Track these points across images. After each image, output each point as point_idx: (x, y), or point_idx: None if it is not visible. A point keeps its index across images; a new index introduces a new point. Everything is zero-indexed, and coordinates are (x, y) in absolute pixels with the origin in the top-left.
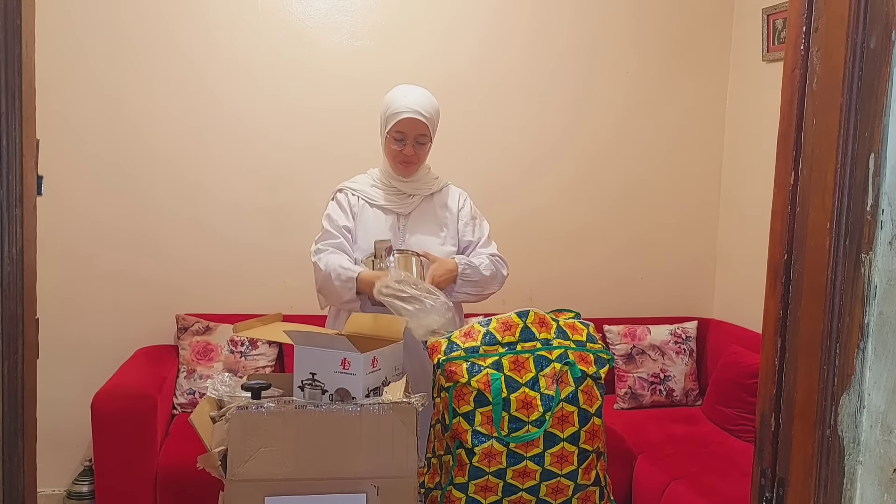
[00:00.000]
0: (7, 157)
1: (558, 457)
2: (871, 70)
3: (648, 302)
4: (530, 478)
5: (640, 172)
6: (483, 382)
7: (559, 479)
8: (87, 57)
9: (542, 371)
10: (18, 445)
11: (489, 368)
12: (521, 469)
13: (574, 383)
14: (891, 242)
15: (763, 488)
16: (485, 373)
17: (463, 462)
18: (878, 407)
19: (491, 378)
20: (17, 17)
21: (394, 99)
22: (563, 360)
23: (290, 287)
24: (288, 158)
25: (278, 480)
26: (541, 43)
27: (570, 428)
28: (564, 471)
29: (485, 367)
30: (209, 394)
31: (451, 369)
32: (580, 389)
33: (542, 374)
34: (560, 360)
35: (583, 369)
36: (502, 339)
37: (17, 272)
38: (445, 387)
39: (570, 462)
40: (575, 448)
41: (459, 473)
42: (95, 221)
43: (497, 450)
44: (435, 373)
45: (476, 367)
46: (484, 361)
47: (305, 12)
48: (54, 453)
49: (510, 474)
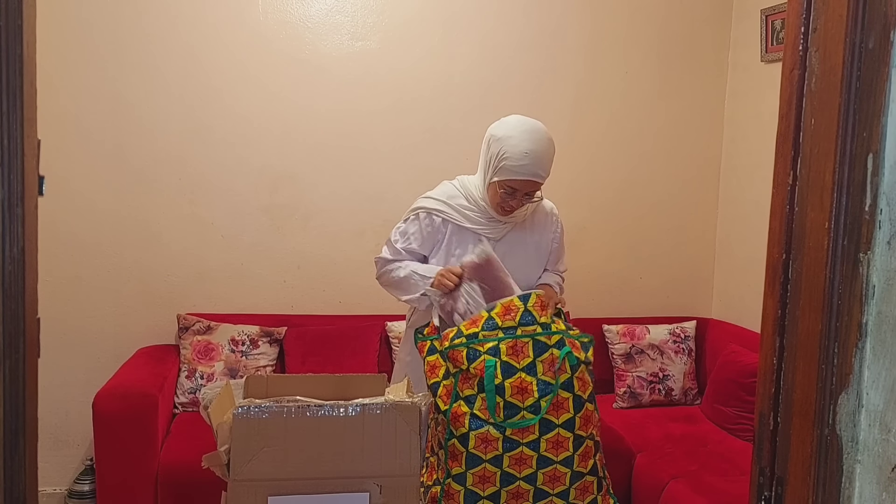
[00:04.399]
0: (8, 157)
1: (553, 443)
2: (869, 70)
3: (647, 301)
4: (527, 465)
5: (640, 172)
6: (479, 368)
7: (556, 467)
8: (89, 57)
9: (540, 357)
10: (19, 444)
11: (486, 354)
12: (517, 455)
13: (570, 370)
14: (889, 242)
15: (762, 487)
16: (481, 359)
17: (457, 451)
18: (876, 406)
19: (486, 364)
20: (18, 18)
21: (513, 150)
22: (561, 346)
23: (291, 286)
24: (289, 158)
25: (281, 480)
26: (540, 43)
27: (566, 414)
28: (560, 457)
29: (482, 353)
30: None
31: (454, 356)
32: (575, 376)
33: (540, 360)
34: (558, 347)
35: (577, 356)
36: (502, 323)
37: (19, 272)
38: (453, 372)
39: (566, 448)
40: (570, 434)
41: (455, 464)
42: (96, 221)
43: (493, 436)
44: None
45: (474, 353)
46: (482, 347)
47: (306, 13)
48: (56, 452)
49: (507, 461)
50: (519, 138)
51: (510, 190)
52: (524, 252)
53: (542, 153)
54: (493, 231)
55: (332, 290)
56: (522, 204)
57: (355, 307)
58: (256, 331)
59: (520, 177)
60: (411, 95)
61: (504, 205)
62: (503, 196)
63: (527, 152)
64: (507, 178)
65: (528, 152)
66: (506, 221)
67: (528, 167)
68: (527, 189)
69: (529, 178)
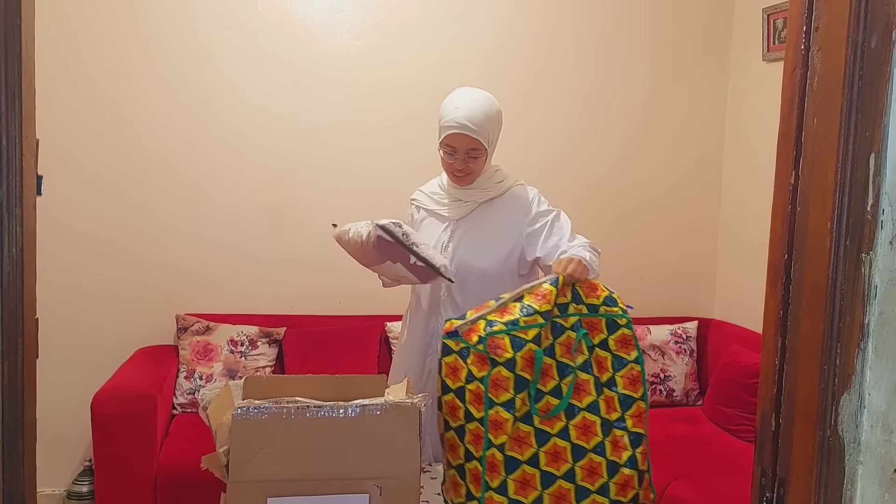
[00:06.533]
0: (7, 157)
1: (581, 428)
2: (871, 70)
3: (649, 302)
4: (563, 459)
5: (641, 172)
6: (526, 358)
7: (590, 457)
8: (87, 57)
9: (559, 339)
10: (18, 445)
11: (531, 343)
12: (551, 450)
13: (587, 352)
14: (891, 242)
15: (763, 488)
16: (528, 348)
17: (496, 461)
18: (878, 407)
19: (535, 356)
20: (16, 17)
21: (445, 109)
22: (577, 328)
23: (290, 287)
24: (288, 157)
25: (281, 481)
26: (540, 42)
27: (588, 397)
28: (592, 444)
29: (528, 341)
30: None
31: (495, 344)
32: (592, 358)
33: (558, 342)
34: (574, 329)
35: (591, 339)
36: (540, 307)
37: (17, 272)
38: (479, 377)
39: (595, 433)
40: (596, 418)
41: (494, 474)
42: (96, 221)
43: (524, 431)
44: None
45: (519, 342)
46: (526, 334)
47: (305, 12)
48: (54, 453)
49: (543, 459)
50: (451, 97)
51: (450, 150)
52: (482, 232)
53: (471, 106)
54: (455, 210)
55: (331, 290)
56: (467, 165)
57: (355, 308)
58: (255, 331)
59: (451, 131)
60: (411, 94)
61: (451, 170)
62: (446, 160)
63: (457, 106)
64: (443, 138)
65: (458, 106)
66: (468, 200)
67: (457, 119)
68: (464, 146)
69: (460, 132)
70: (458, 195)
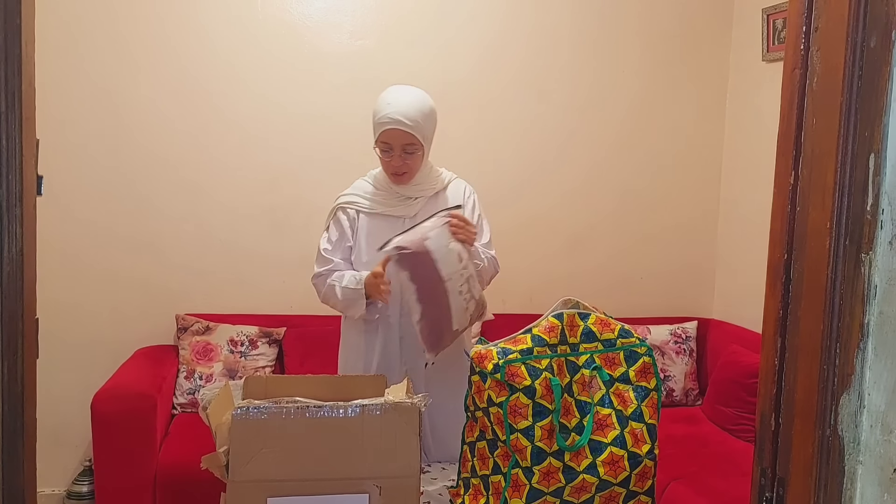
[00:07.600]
0: (7, 157)
1: (609, 464)
2: (871, 70)
3: (648, 302)
4: (586, 491)
5: (641, 172)
6: (545, 386)
7: (613, 488)
8: (87, 57)
9: (574, 377)
10: (18, 445)
11: (546, 372)
12: (578, 485)
13: (604, 386)
14: (891, 242)
15: (763, 488)
16: (544, 376)
17: (520, 483)
18: (878, 407)
19: (552, 383)
20: (16, 17)
21: (378, 106)
22: (590, 365)
23: (289, 287)
24: (288, 158)
25: (281, 481)
26: (541, 43)
27: (613, 431)
28: (619, 478)
29: (542, 370)
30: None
31: (513, 372)
32: (611, 392)
33: (574, 381)
34: (587, 366)
35: (609, 373)
36: (549, 339)
37: (17, 272)
38: (497, 402)
39: (623, 468)
40: (624, 451)
41: (516, 495)
42: (95, 221)
43: (554, 466)
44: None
45: (535, 370)
46: (540, 364)
47: (305, 12)
48: (54, 453)
49: (568, 491)
50: (384, 94)
51: (386, 147)
52: None
53: (404, 101)
54: (404, 209)
55: None
56: (404, 162)
57: None
58: (255, 331)
59: (385, 126)
60: None
61: (389, 169)
62: (383, 159)
63: (389, 103)
64: (378, 135)
65: (391, 102)
66: (417, 196)
67: (390, 114)
68: (400, 142)
69: (394, 127)
70: (406, 192)
